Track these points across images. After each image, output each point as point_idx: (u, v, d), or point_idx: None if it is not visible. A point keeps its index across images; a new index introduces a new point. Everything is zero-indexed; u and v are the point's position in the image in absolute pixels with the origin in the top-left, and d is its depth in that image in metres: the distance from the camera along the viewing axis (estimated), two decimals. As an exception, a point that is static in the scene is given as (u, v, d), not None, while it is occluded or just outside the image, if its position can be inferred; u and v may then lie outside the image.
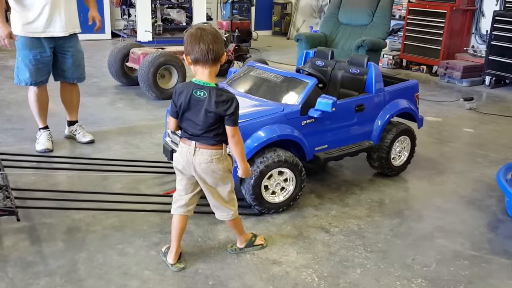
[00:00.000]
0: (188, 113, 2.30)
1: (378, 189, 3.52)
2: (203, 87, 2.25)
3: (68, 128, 4.12)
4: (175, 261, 2.48)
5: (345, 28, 6.70)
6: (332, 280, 2.44)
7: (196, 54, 2.21)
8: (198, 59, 2.22)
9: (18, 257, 2.49)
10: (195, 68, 2.27)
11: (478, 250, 2.78)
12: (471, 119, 5.42)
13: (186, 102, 2.27)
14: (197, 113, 2.27)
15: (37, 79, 3.73)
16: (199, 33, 2.20)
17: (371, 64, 3.54)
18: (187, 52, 2.24)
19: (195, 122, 2.29)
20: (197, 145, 2.32)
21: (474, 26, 7.68)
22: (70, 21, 3.70)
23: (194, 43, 2.20)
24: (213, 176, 2.37)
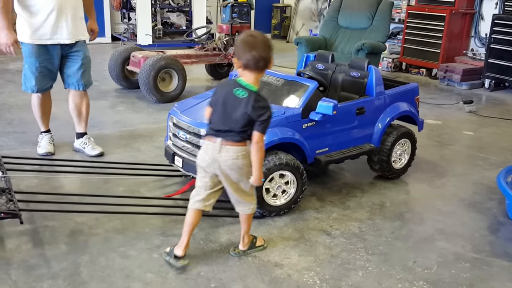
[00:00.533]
0: (222, 108, 2.37)
1: (379, 192, 3.53)
2: (245, 88, 2.33)
3: (77, 140, 3.99)
4: (184, 252, 2.51)
5: (344, 31, 6.72)
6: (334, 283, 2.45)
7: (247, 60, 2.29)
8: (249, 65, 2.31)
9: (21, 259, 2.50)
10: (243, 71, 2.35)
11: (479, 253, 2.79)
12: (471, 122, 5.44)
13: (224, 97, 2.36)
14: (232, 111, 2.34)
15: (42, 87, 3.72)
16: (252, 40, 2.30)
17: (372, 68, 3.56)
18: (238, 56, 2.32)
19: (227, 119, 2.35)
20: (222, 142, 2.38)
21: (473, 29, 7.71)
22: (76, 27, 3.66)
23: (247, 50, 2.28)
24: (238, 172, 2.43)
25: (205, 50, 6.40)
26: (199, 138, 3.00)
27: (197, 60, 6.26)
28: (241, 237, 2.65)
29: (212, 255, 2.63)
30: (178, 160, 3.15)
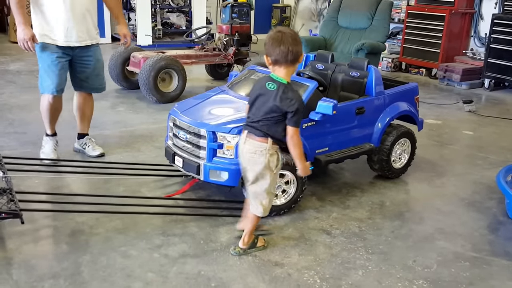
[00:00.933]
0: (254, 103, 2.46)
1: (378, 191, 3.54)
2: (275, 81, 2.41)
3: (78, 141, 3.96)
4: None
5: (344, 31, 6.73)
6: (334, 282, 2.46)
7: (276, 55, 2.36)
8: (278, 60, 2.38)
9: (22, 259, 2.51)
10: (273, 68, 2.43)
11: (478, 252, 2.80)
12: (470, 121, 5.45)
13: (258, 92, 2.46)
14: (262, 104, 2.43)
15: (58, 87, 3.58)
16: (280, 36, 2.36)
17: (371, 67, 3.57)
18: (268, 53, 2.40)
19: (257, 112, 2.45)
20: (247, 135, 2.48)
21: (473, 29, 7.72)
22: (88, 32, 3.60)
23: (275, 45, 2.35)
24: (253, 169, 2.49)
25: (205, 51, 6.41)
26: (199, 138, 3.01)
27: (197, 60, 6.27)
28: (243, 235, 2.66)
29: (212, 254, 2.64)
30: (178, 160, 3.16)
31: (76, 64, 3.67)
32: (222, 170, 2.95)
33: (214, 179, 3.00)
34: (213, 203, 3.22)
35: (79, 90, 3.83)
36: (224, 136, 2.93)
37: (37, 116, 4.87)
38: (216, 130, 2.94)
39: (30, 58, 7.71)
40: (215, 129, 2.94)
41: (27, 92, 5.80)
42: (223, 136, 2.93)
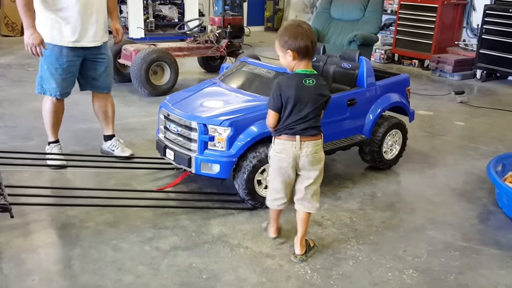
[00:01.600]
0: (298, 105, 2.37)
1: (370, 182, 3.55)
2: (310, 76, 2.39)
3: (105, 143, 3.80)
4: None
5: (337, 23, 6.71)
6: (324, 272, 2.47)
7: (305, 50, 2.34)
8: (307, 53, 2.36)
9: (12, 253, 2.50)
10: (299, 62, 2.38)
11: (468, 241, 2.82)
12: (462, 112, 5.47)
13: (296, 93, 2.36)
14: (306, 102, 2.37)
15: (62, 91, 3.45)
16: (302, 30, 2.35)
17: (363, 59, 3.56)
18: (294, 48, 2.34)
19: (302, 113, 2.38)
20: (301, 139, 2.40)
21: (465, 20, 7.73)
22: (101, 30, 3.47)
23: (304, 40, 2.33)
24: (317, 168, 2.47)
25: (197, 43, 6.38)
26: (190, 131, 3.00)
27: (189, 53, 6.23)
28: (299, 240, 2.57)
29: (204, 246, 2.64)
30: (169, 153, 3.15)
31: (88, 63, 3.53)
32: (213, 163, 2.95)
33: (205, 172, 2.99)
34: (204, 195, 3.22)
35: (89, 89, 3.68)
36: (215, 129, 2.92)
37: (27, 109, 4.85)
38: (207, 123, 2.93)
39: (21, 52, 7.64)
40: (206, 122, 2.93)
41: (17, 86, 5.75)
42: (214, 128, 2.92)
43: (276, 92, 2.38)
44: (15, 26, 9.12)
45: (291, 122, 2.40)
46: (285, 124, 2.41)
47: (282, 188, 2.51)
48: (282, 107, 2.39)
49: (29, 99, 5.22)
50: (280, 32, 2.40)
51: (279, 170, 2.48)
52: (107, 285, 2.31)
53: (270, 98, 2.42)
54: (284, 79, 2.41)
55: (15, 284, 2.28)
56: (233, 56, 6.48)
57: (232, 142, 2.92)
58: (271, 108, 2.42)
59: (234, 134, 2.91)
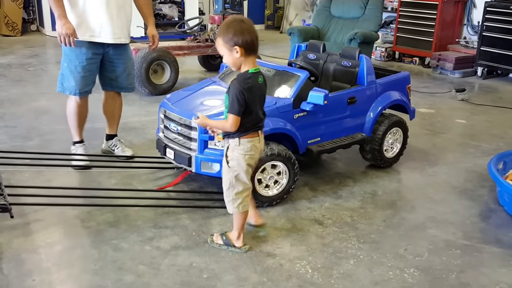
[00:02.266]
0: (258, 104, 2.42)
1: (371, 180, 3.54)
2: (260, 74, 2.43)
3: (106, 142, 3.78)
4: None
5: (337, 21, 6.70)
6: (325, 271, 2.46)
7: (251, 45, 2.33)
8: (254, 49, 2.36)
9: (13, 254, 2.49)
10: (246, 59, 2.36)
11: (470, 240, 2.81)
12: (463, 110, 5.46)
13: (258, 93, 2.41)
14: (262, 99, 2.46)
15: (82, 89, 3.40)
16: (247, 26, 2.34)
17: (363, 57, 3.55)
18: (241, 44, 2.31)
19: (261, 110, 2.46)
20: (261, 132, 2.51)
21: (466, 17, 7.70)
22: (122, 29, 3.42)
23: (249, 35, 2.32)
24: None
25: (197, 42, 6.37)
26: (190, 130, 2.99)
27: (189, 51, 6.22)
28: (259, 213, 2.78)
29: (204, 246, 2.64)
30: (169, 152, 3.14)
31: (106, 63, 3.49)
32: (213, 162, 2.94)
33: (206, 171, 2.99)
34: (205, 194, 3.22)
35: (108, 89, 3.65)
36: (215, 128, 2.91)
37: (27, 109, 4.85)
38: (206, 122, 2.92)
39: (21, 52, 7.64)
40: (205, 121, 2.92)
41: (18, 85, 5.75)
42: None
43: (241, 97, 2.33)
44: (15, 25, 9.11)
45: (256, 121, 2.44)
46: (251, 123, 2.42)
47: (249, 181, 2.51)
48: (245, 109, 2.38)
49: (29, 99, 5.22)
50: (223, 29, 2.35)
51: (247, 170, 2.47)
52: (107, 284, 2.31)
53: (234, 103, 2.33)
54: (244, 83, 2.35)
55: (15, 284, 2.28)
56: (233, 55, 6.46)
57: (232, 141, 2.91)
58: (236, 114, 2.35)
59: (234, 133, 2.90)
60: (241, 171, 2.46)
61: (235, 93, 2.33)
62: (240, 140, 2.44)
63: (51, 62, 7.41)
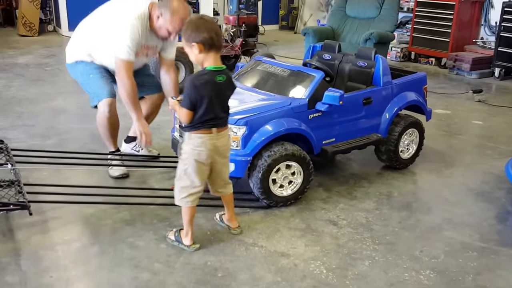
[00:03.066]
0: (213, 103, 2.40)
1: (386, 182, 3.52)
2: (222, 72, 2.41)
3: (128, 144, 3.72)
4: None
5: (352, 21, 6.67)
6: (340, 272, 2.46)
7: (211, 41, 2.34)
8: (212, 44, 2.35)
9: (31, 250, 2.53)
10: (207, 55, 2.37)
11: (486, 242, 2.78)
12: (480, 111, 5.39)
13: (212, 91, 2.38)
14: (222, 97, 2.44)
15: (110, 89, 3.31)
16: (204, 22, 2.37)
17: (379, 57, 3.53)
18: (199, 40, 2.34)
19: (220, 108, 2.44)
20: (223, 129, 2.50)
21: (483, 18, 7.61)
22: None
23: (208, 31, 2.34)
24: (228, 155, 2.61)
25: (212, 42, 6.38)
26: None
27: (204, 52, 6.23)
28: (232, 216, 2.78)
29: (219, 245, 2.65)
30: (185, 152, 3.15)
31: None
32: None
33: (220, 170, 2.99)
34: (220, 194, 3.22)
35: (144, 95, 3.60)
36: (230, 127, 2.91)
37: (45, 108, 4.92)
38: (222, 121, 2.93)
39: (38, 52, 7.75)
40: (221, 120, 2.93)
41: (36, 85, 5.83)
42: (229, 127, 2.91)
43: (191, 92, 2.36)
44: (32, 26, 9.24)
45: (208, 119, 2.42)
46: (202, 120, 2.42)
47: (199, 181, 2.51)
48: (197, 105, 2.39)
49: (47, 98, 5.29)
50: (183, 27, 2.41)
51: (196, 164, 2.47)
52: (123, 282, 2.33)
53: (185, 97, 2.38)
54: (198, 78, 2.38)
55: (33, 280, 2.31)
56: (248, 55, 6.49)
57: (247, 141, 2.92)
58: (186, 107, 2.39)
59: (249, 133, 2.91)
60: (189, 166, 2.48)
61: (187, 87, 2.38)
62: (191, 135, 2.46)
63: (68, 62, 7.50)
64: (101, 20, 3.32)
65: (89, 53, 3.37)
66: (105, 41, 3.24)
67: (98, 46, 3.31)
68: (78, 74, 3.44)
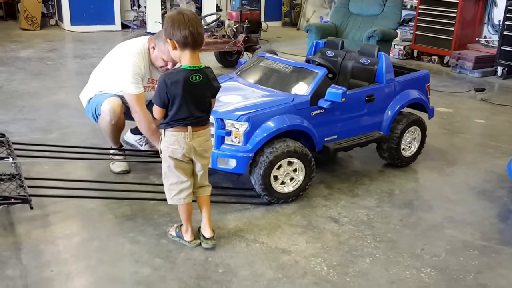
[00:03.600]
0: (186, 102, 2.32)
1: (388, 179, 3.51)
2: (198, 71, 2.32)
3: (132, 135, 3.75)
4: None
5: (355, 18, 6.65)
6: (341, 269, 2.45)
7: (186, 38, 2.25)
8: (188, 43, 2.26)
9: (32, 244, 2.53)
10: (182, 53, 2.30)
11: (488, 241, 2.78)
12: (482, 110, 5.38)
13: (184, 91, 2.30)
14: (194, 99, 2.34)
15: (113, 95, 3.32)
16: (184, 18, 2.25)
17: (382, 54, 3.52)
18: (173, 36, 2.27)
19: (195, 108, 2.36)
20: (193, 129, 2.39)
21: (486, 16, 7.58)
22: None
23: (183, 27, 2.24)
24: (209, 152, 2.52)
25: (214, 38, 6.38)
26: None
27: (206, 47, 6.23)
28: (207, 223, 2.59)
29: (220, 241, 2.64)
30: (186, 147, 3.15)
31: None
32: (230, 158, 2.94)
33: (222, 167, 2.99)
34: (221, 190, 3.22)
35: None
36: (232, 124, 2.92)
37: (46, 103, 4.91)
38: (224, 117, 2.92)
39: (40, 46, 7.74)
40: (223, 116, 2.93)
41: (37, 79, 5.83)
42: (231, 123, 2.92)
43: (162, 90, 2.30)
44: (34, 20, 9.22)
45: (182, 118, 2.36)
46: (175, 118, 2.36)
47: (184, 176, 2.46)
48: (169, 103, 2.33)
49: (48, 92, 5.28)
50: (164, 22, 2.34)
51: (174, 162, 2.43)
52: (124, 277, 2.33)
53: (156, 93, 2.33)
54: (169, 76, 2.30)
55: (34, 274, 2.31)
56: (250, 51, 6.47)
57: (249, 137, 2.91)
58: (157, 104, 2.34)
59: (251, 129, 2.91)
60: (170, 163, 2.45)
61: (158, 84, 2.33)
62: (165, 132, 2.42)
63: (70, 56, 7.50)
64: (107, 64, 3.40)
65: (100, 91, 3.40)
66: (112, 81, 3.30)
67: (108, 87, 3.34)
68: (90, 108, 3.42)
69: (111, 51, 3.45)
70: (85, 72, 5.87)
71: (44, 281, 2.27)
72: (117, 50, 3.39)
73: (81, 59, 6.98)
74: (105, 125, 3.31)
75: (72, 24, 9.30)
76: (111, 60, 3.38)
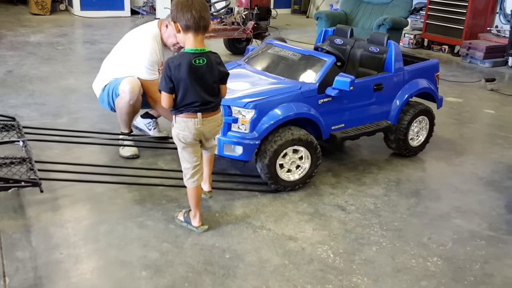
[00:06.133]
0: (191, 86, 2.32)
1: (395, 168, 3.51)
2: (201, 54, 2.32)
3: (143, 119, 3.75)
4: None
5: (366, 6, 6.59)
6: (347, 257, 2.47)
7: (188, 21, 2.27)
8: (190, 26, 2.28)
9: (41, 227, 2.57)
10: (185, 36, 2.32)
11: (495, 231, 2.78)
12: (492, 100, 5.34)
13: (188, 74, 2.30)
14: (199, 82, 2.34)
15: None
16: (189, 1, 2.27)
17: (391, 43, 3.49)
18: (177, 19, 2.30)
19: (205, 92, 2.36)
20: (203, 115, 2.40)
21: (498, 6, 7.48)
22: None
23: (186, 10, 2.27)
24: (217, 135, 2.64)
25: (223, 25, 6.36)
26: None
27: (215, 34, 6.22)
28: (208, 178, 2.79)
29: (227, 227, 2.67)
30: (194, 134, 3.16)
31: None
32: (236, 145, 2.95)
33: (228, 153, 3.00)
34: (228, 177, 3.24)
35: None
36: (239, 111, 2.92)
37: (56, 87, 4.94)
38: (231, 104, 2.93)
39: (50, 31, 7.76)
40: (230, 103, 2.93)
41: (47, 64, 5.85)
42: (238, 110, 2.92)
43: (167, 74, 2.31)
44: (44, 4, 9.23)
45: (190, 102, 2.35)
46: (183, 103, 2.36)
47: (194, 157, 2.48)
48: (175, 88, 2.33)
49: (58, 77, 5.31)
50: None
51: (186, 146, 2.45)
52: (132, 260, 2.36)
53: (161, 79, 2.35)
54: (173, 59, 2.32)
55: (43, 256, 2.35)
56: (260, 39, 6.45)
57: (256, 125, 2.92)
58: (163, 90, 2.34)
59: (258, 116, 2.91)
60: (181, 148, 2.48)
61: (163, 69, 2.34)
62: (176, 118, 2.44)
63: (79, 41, 7.51)
64: (122, 50, 3.41)
65: (115, 78, 3.39)
66: (128, 67, 3.31)
67: (124, 74, 3.33)
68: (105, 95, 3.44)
69: (123, 38, 3.46)
70: (94, 58, 5.90)
71: (53, 263, 2.31)
72: (131, 36, 3.40)
73: (91, 45, 6.99)
74: (123, 106, 3.32)
75: (82, 9, 9.30)
76: (125, 47, 3.39)
